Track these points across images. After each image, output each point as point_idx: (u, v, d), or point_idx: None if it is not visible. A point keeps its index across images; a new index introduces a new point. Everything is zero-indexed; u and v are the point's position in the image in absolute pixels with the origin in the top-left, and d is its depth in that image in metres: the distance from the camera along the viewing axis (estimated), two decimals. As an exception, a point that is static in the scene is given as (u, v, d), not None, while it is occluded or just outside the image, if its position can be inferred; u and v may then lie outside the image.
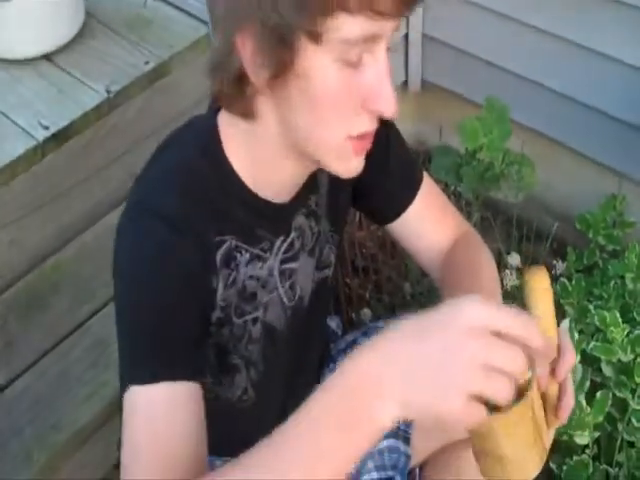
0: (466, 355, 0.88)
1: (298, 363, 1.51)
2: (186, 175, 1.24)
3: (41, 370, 1.96)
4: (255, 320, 1.35)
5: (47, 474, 1.82)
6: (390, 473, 1.59)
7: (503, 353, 0.89)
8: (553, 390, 1.11)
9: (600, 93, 2.36)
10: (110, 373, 1.96)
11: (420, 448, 1.64)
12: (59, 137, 2.13)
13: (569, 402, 1.10)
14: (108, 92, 2.22)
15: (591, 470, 1.72)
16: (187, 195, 1.21)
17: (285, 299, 1.39)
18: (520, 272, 2.15)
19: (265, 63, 1.09)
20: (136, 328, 1.20)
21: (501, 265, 2.25)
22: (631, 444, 1.75)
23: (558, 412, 1.10)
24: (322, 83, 1.09)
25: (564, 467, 1.73)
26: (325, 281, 1.47)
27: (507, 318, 0.91)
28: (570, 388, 1.10)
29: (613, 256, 2.27)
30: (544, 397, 1.11)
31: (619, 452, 1.75)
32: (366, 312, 2.30)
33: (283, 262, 1.35)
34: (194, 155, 1.26)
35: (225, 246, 1.25)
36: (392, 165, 1.46)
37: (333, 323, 1.78)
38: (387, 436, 1.60)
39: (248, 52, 1.09)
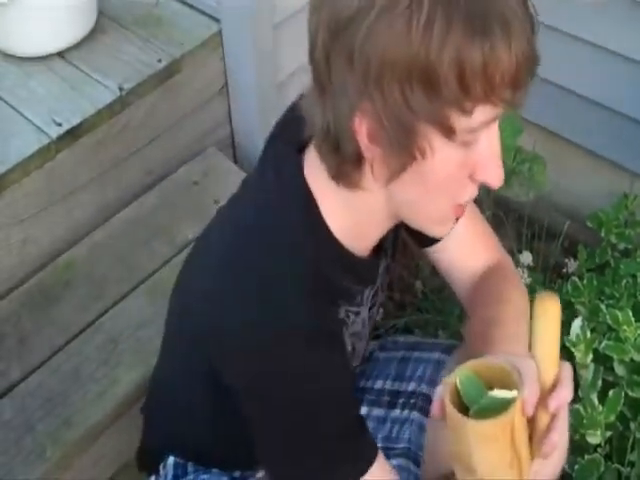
0: None
1: None
2: (306, 265, 1.20)
3: (54, 367, 1.96)
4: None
5: (60, 470, 1.83)
6: None
7: None
8: (543, 420, 1.09)
9: (613, 91, 2.35)
10: (121, 371, 1.96)
11: (430, 471, 1.64)
12: (72, 134, 2.13)
13: (554, 438, 1.08)
14: (121, 89, 2.23)
15: (603, 469, 1.71)
16: (307, 284, 1.19)
17: (365, 341, 1.45)
18: (531, 270, 2.15)
19: (388, 151, 1.07)
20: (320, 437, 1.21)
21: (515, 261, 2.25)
22: (643, 443, 1.74)
23: (541, 446, 1.09)
24: (441, 166, 1.09)
25: (576, 466, 1.72)
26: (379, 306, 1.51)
27: None
28: (561, 425, 1.09)
29: (625, 255, 2.26)
30: (532, 427, 1.09)
31: (631, 451, 1.74)
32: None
33: (370, 309, 1.39)
34: (299, 232, 1.21)
35: (342, 315, 1.29)
36: None
37: None
38: (398, 455, 1.61)
39: (365, 132, 1.07)
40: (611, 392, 1.72)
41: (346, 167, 1.13)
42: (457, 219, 1.22)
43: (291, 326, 1.16)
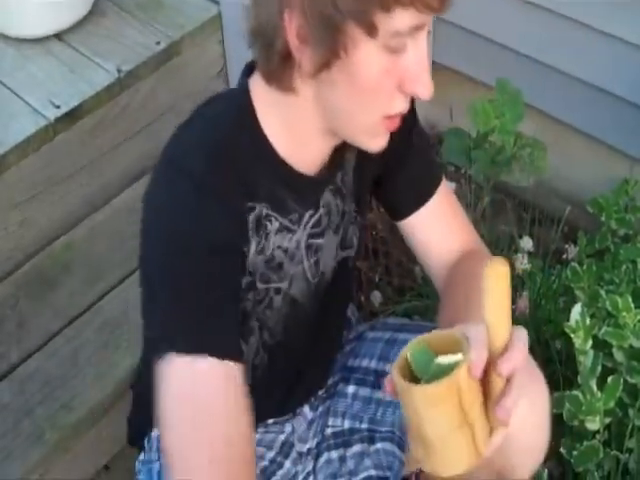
0: None
1: (314, 340, 1.52)
2: (220, 139, 1.25)
3: (52, 350, 1.96)
4: (278, 290, 1.36)
5: (58, 454, 1.83)
6: (387, 473, 1.60)
7: None
8: (497, 386, 1.08)
9: (613, 76, 2.34)
10: (120, 354, 1.96)
11: (415, 456, 1.64)
12: (70, 116, 2.13)
13: (507, 403, 1.06)
14: (119, 72, 2.22)
15: (601, 456, 1.71)
16: (220, 159, 1.23)
17: (309, 274, 1.41)
18: (531, 256, 2.15)
19: (314, 48, 1.12)
20: (177, 295, 1.18)
21: (512, 249, 2.24)
22: (642, 430, 1.74)
23: (495, 411, 1.07)
24: (366, 69, 1.13)
25: (574, 452, 1.73)
26: (346, 262, 1.48)
27: None
28: (514, 390, 1.07)
29: (625, 240, 2.25)
30: (486, 391, 1.08)
31: (630, 438, 1.74)
32: (376, 295, 2.29)
33: (310, 237, 1.37)
34: (228, 122, 1.27)
35: (256, 212, 1.27)
36: (412, 159, 1.47)
37: (348, 310, 1.77)
38: (383, 439, 1.61)
39: (294, 30, 1.12)
40: (610, 378, 1.72)
41: (274, 64, 1.17)
42: (388, 134, 1.23)
43: (192, 171, 1.19)
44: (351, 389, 1.66)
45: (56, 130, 2.10)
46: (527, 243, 2.17)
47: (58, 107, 2.12)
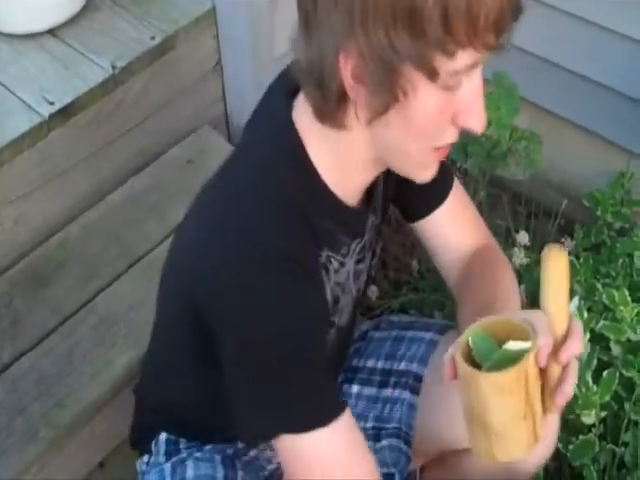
0: None
1: (340, 349, 1.53)
2: (283, 196, 1.20)
3: (46, 348, 1.95)
4: (332, 324, 1.37)
5: (52, 452, 1.82)
6: (392, 470, 1.60)
7: None
8: (554, 373, 1.10)
9: (609, 70, 2.33)
10: (115, 352, 1.95)
11: (421, 451, 1.64)
12: (65, 113, 2.11)
13: (567, 389, 1.10)
14: (114, 67, 2.21)
15: (597, 449, 1.71)
16: (288, 225, 1.19)
17: (353, 300, 1.42)
18: (529, 250, 2.14)
19: (372, 90, 1.09)
20: (280, 379, 1.19)
21: (509, 243, 2.24)
22: (637, 423, 1.74)
23: (555, 397, 1.10)
24: (423, 108, 1.11)
25: (570, 446, 1.73)
26: (370, 273, 1.49)
27: None
28: (572, 376, 1.11)
29: (621, 234, 2.25)
30: (544, 378, 1.10)
31: (626, 431, 1.74)
32: (373, 289, 2.29)
33: (356, 263, 1.37)
34: (283, 168, 1.22)
35: (322, 260, 1.28)
36: None
37: None
38: (389, 435, 1.61)
39: (349, 71, 1.09)
40: (606, 372, 1.72)
41: (330, 106, 1.15)
42: (440, 162, 1.23)
43: (259, 247, 1.16)
44: (355, 389, 1.66)
45: (50, 127, 2.09)
46: (523, 237, 2.16)
47: (52, 103, 2.11)
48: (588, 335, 1.73)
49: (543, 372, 1.09)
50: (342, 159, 1.23)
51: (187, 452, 1.54)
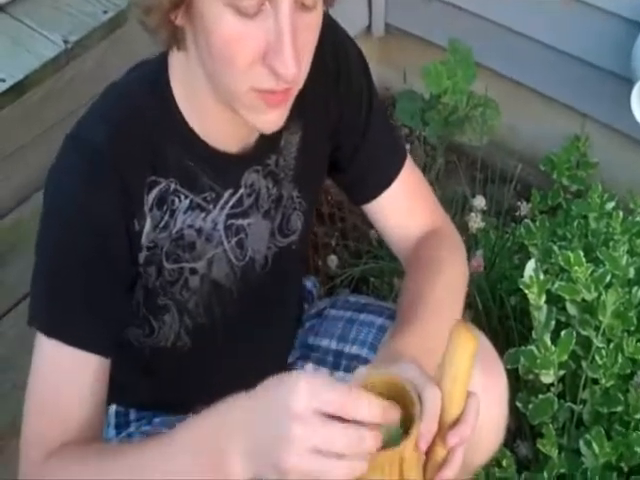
0: (294, 441, 0.94)
1: (261, 322, 1.49)
2: (126, 109, 1.22)
3: (2, 331, 1.93)
4: (194, 270, 1.33)
5: (6, 438, 1.79)
6: None
7: (330, 435, 0.94)
8: (439, 454, 1.06)
9: (564, 34, 2.35)
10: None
11: None
12: (16, 90, 2.07)
13: (446, 475, 1.06)
14: (66, 42, 2.17)
15: (556, 407, 1.73)
16: (124, 131, 1.20)
17: (232, 257, 1.36)
18: (485, 214, 2.15)
19: None
20: (59, 272, 1.22)
21: (466, 209, 2.25)
22: (595, 381, 1.76)
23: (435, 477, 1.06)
24: (216, 27, 1.07)
25: (530, 405, 1.74)
26: (290, 247, 1.44)
27: (335, 400, 0.95)
28: (455, 462, 1.06)
29: (577, 196, 2.28)
30: (428, 457, 1.06)
31: (583, 390, 1.76)
32: (333, 259, 2.30)
33: (230, 217, 1.32)
34: (139, 91, 1.24)
35: (160, 187, 1.24)
36: (372, 139, 1.43)
37: (309, 283, 1.75)
38: None
39: None
40: (563, 332, 1.73)
41: (149, 17, 1.13)
42: (279, 111, 1.16)
43: (88, 140, 1.20)
44: (310, 368, 1.63)
45: (1, 104, 2.04)
46: (480, 202, 2.18)
47: (3, 80, 2.08)
48: (544, 297, 1.74)
49: (428, 449, 1.05)
50: (194, 91, 1.21)
51: (135, 425, 1.53)
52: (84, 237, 1.20)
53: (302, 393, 0.95)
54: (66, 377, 1.21)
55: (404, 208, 1.48)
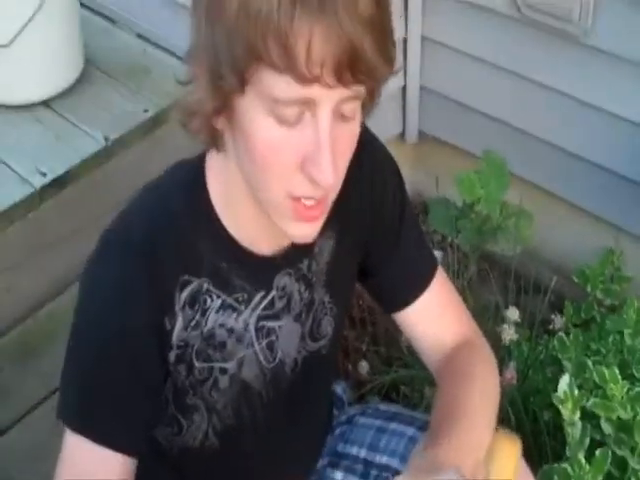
0: None
1: (290, 427, 1.48)
2: (162, 210, 1.24)
3: (35, 419, 1.93)
4: (224, 370, 1.33)
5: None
6: None
7: None
8: None
9: (599, 147, 2.37)
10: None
11: None
12: (56, 184, 2.12)
13: None
14: (106, 140, 2.22)
15: (592, 529, 1.70)
16: (158, 227, 1.23)
17: (262, 358, 1.36)
18: (518, 326, 2.14)
19: (208, 97, 1.10)
20: (88, 370, 1.24)
21: (498, 319, 2.24)
22: (631, 503, 1.73)
23: None
24: (256, 134, 1.10)
25: (564, 526, 1.71)
26: (319, 352, 1.44)
27: None
28: None
29: (611, 310, 2.26)
30: None
31: (619, 511, 1.73)
32: (364, 365, 2.29)
33: (261, 319, 1.33)
34: (176, 191, 1.26)
35: (192, 287, 1.24)
36: (403, 248, 1.45)
37: (339, 388, 1.74)
38: None
39: (203, 84, 1.10)
40: (598, 451, 1.70)
41: (192, 119, 1.16)
42: (312, 224, 1.18)
43: (124, 237, 1.23)
44: (339, 476, 1.61)
45: (42, 197, 2.09)
46: (513, 313, 2.16)
47: (44, 175, 2.12)
48: (578, 413, 1.72)
49: None
50: (229, 190, 1.22)
51: None
52: (115, 338, 1.21)
53: None
54: (89, 472, 1.22)
55: (435, 318, 1.48)
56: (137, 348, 1.22)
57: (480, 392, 1.38)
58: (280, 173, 1.11)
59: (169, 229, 1.23)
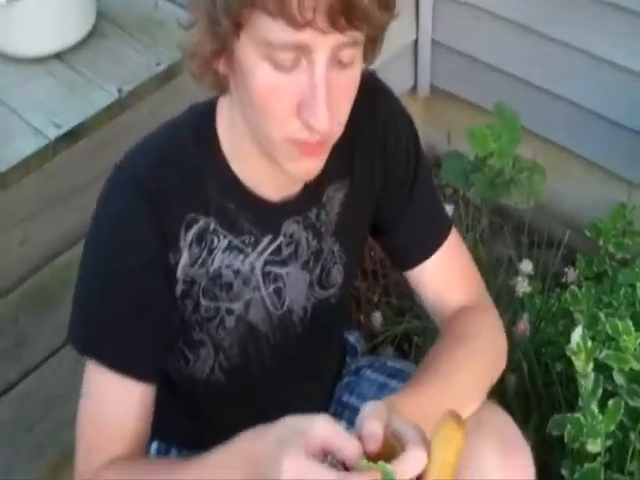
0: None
1: (297, 372, 1.49)
2: (171, 147, 1.28)
3: (52, 367, 1.95)
4: (230, 311, 1.35)
5: (58, 471, 1.82)
6: None
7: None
8: None
9: (611, 101, 2.37)
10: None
11: None
12: (71, 136, 2.12)
13: None
14: (119, 92, 2.22)
15: (603, 478, 1.71)
16: (168, 167, 1.26)
17: (269, 304, 1.38)
18: (531, 279, 2.14)
19: (206, 40, 1.12)
20: (97, 295, 1.28)
21: (511, 272, 2.25)
22: (643, 452, 1.74)
23: None
24: (253, 79, 1.11)
25: (575, 475, 1.73)
26: (329, 300, 1.45)
27: (342, 442, 0.99)
28: None
29: (623, 264, 2.27)
30: None
31: (631, 461, 1.74)
32: (377, 316, 2.30)
33: (268, 263, 1.35)
34: (187, 131, 1.28)
35: (199, 225, 1.27)
36: (416, 204, 1.44)
37: (352, 337, 1.76)
38: None
39: (202, 28, 1.13)
40: (611, 402, 1.72)
41: (194, 63, 1.19)
42: (315, 159, 1.19)
43: (132, 170, 1.28)
44: (342, 426, 1.62)
45: (56, 149, 2.10)
46: (527, 266, 2.16)
47: (58, 126, 2.12)
48: (592, 365, 1.73)
49: None
50: (236, 133, 1.24)
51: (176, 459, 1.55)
52: (119, 268, 1.25)
53: (289, 470, 0.97)
54: (110, 401, 1.28)
55: (444, 279, 1.48)
56: (142, 278, 1.26)
57: (469, 353, 1.37)
58: (277, 117, 1.13)
59: (177, 167, 1.26)
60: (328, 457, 1.02)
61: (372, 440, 1.01)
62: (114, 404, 1.27)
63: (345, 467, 1.01)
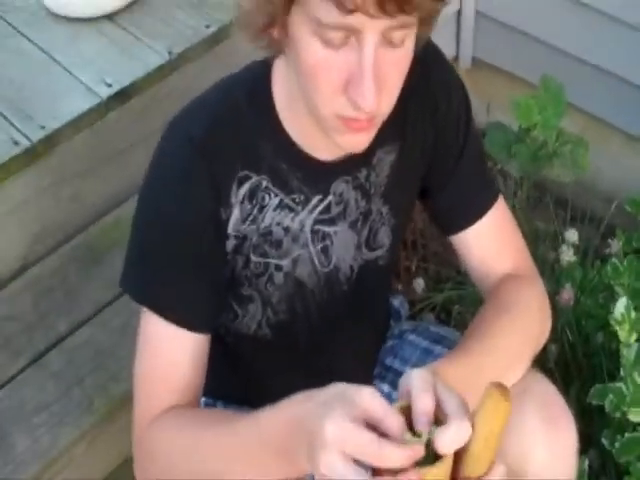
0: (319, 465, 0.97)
1: (343, 331, 1.52)
2: (226, 104, 1.30)
3: (102, 322, 1.98)
4: (279, 267, 1.37)
5: (106, 423, 1.85)
6: None
7: (357, 442, 0.95)
8: None
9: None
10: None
11: None
12: (122, 95, 2.15)
13: None
14: (170, 53, 2.24)
15: (643, 447, 1.73)
16: (221, 124, 1.28)
17: (317, 261, 1.40)
18: (577, 249, 2.15)
19: (258, 12, 1.13)
20: (151, 245, 1.31)
21: (549, 245, 2.26)
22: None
23: None
24: (304, 53, 1.12)
25: (616, 443, 1.74)
26: (376, 262, 1.47)
27: (385, 415, 0.97)
28: None
29: (663, 239, 2.28)
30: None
31: (672, 431, 1.76)
32: (419, 282, 2.31)
33: (317, 222, 1.36)
34: (242, 90, 1.30)
35: (251, 182, 1.29)
36: (465, 169, 1.45)
37: (396, 301, 1.77)
38: None
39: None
40: (654, 371, 1.74)
41: (251, 27, 1.19)
42: (364, 134, 1.20)
43: (187, 129, 1.29)
44: (385, 388, 1.65)
45: (108, 107, 2.12)
46: (572, 235, 2.16)
47: (110, 85, 2.15)
48: (635, 335, 1.75)
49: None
50: (290, 93, 1.26)
51: None
52: (171, 219, 1.27)
53: (331, 430, 0.97)
54: (165, 349, 1.30)
55: (491, 245, 1.49)
56: (196, 232, 1.28)
57: (514, 323, 1.36)
58: (325, 93, 1.14)
59: (231, 125, 1.28)
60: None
61: (425, 416, 0.99)
62: (170, 354, 1.30)
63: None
